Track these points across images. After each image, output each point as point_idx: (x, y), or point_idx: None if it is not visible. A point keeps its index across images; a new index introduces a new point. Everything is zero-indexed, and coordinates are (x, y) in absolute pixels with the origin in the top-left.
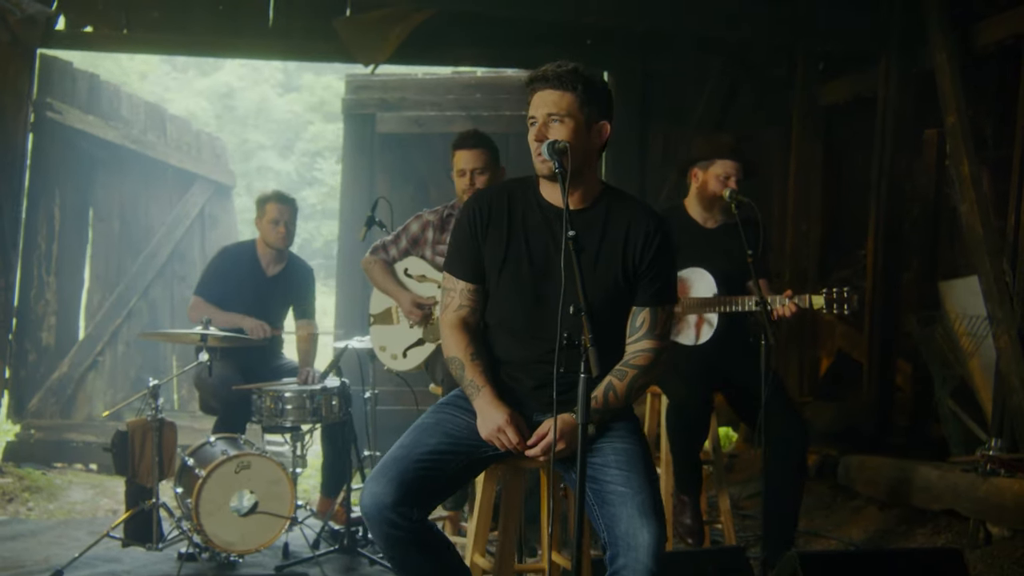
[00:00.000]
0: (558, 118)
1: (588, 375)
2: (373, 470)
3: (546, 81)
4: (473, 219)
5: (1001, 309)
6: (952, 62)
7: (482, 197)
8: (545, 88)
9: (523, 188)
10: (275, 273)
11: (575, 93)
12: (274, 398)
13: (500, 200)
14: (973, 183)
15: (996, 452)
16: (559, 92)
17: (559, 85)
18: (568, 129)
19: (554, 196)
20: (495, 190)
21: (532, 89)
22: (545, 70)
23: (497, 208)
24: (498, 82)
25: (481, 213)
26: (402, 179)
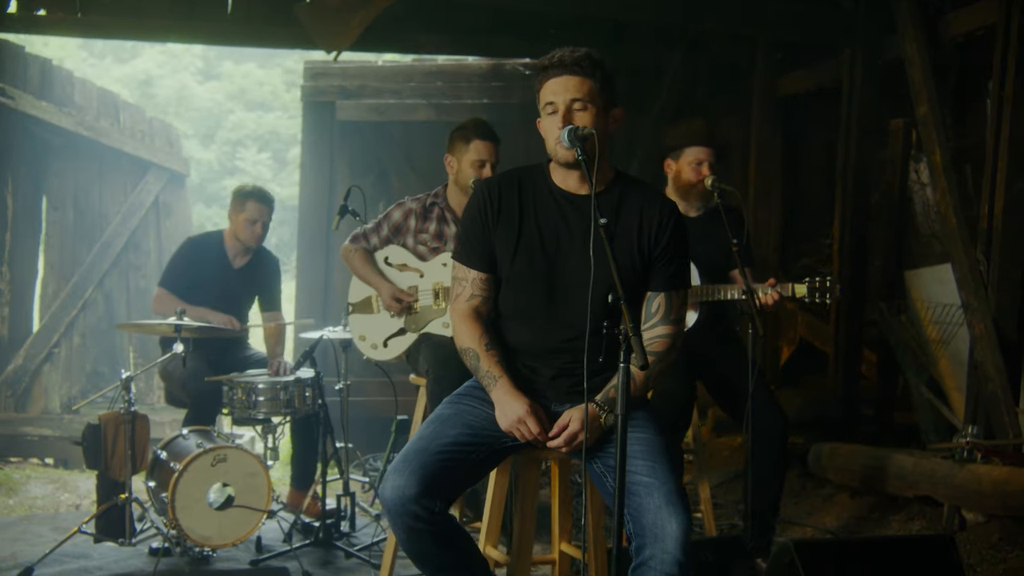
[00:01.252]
0: (581, 104)
1: (627, 364)
2: (393, 463)
3: (565, 67)
4: (483, 207)
5: (976, 297)
6: (923, 53)
7: (491, 184)
8: (564, 74)
9: (533, 174)
10: (241, 265)
11: (594, 79)
12: (246, 390)
13: (510, 187)
14: (945, 172)
15: (973, 439)
16: (579, 78)
17: (579, 71)
18: (591, 115)
19: (568, 182)
20: (503, 177)
21: (547, 75)
22: (561, 56)
23: (507, 195)
24: (460, 70)
25: (492, 200)
26: (362, 167)
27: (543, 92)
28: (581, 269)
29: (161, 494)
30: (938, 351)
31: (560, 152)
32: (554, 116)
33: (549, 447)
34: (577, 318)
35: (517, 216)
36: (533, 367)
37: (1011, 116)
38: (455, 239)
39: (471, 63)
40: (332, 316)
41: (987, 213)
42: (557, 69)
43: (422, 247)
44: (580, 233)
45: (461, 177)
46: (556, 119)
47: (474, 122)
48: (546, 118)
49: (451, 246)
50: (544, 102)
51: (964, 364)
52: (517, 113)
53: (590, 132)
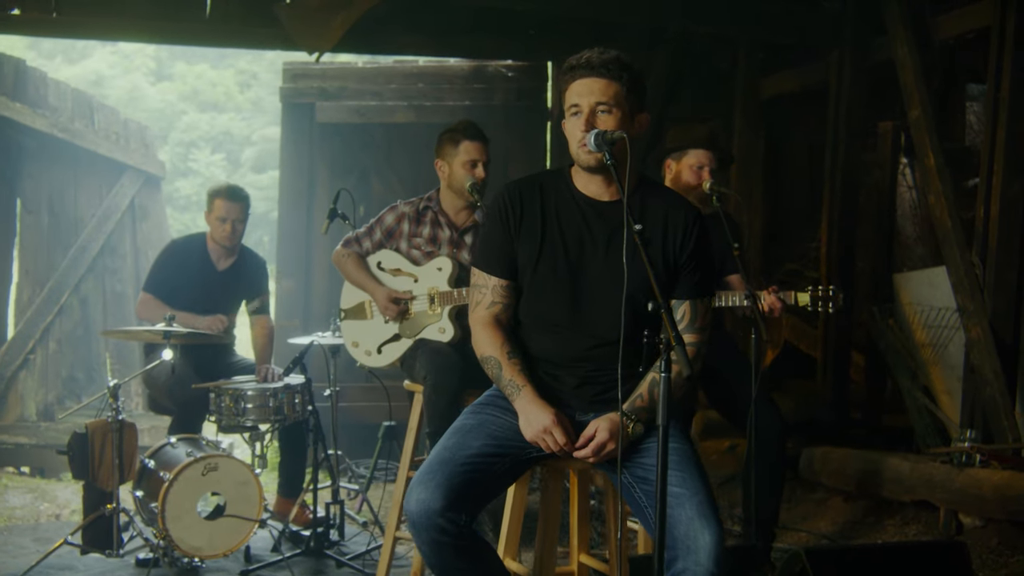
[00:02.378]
0: (606, 108)
1: (668, 374)
2: (416, 475)
3: (591, 69)
4: (505, 212)
5: (972, 301)
6: (914, 55)
7: (512, 189)
8: (590, 76)
9: (554, 179)
10: (226, 267)
11: (621, 83)
12: (234, 396)
13: (532, 192)
14: (939, 175)
15: (971, 443)
16: (606, 80)
17: (606, 73)
18: (615, 119)
19: (591, 188)
20: (525, 182)
21: (573, 76)
22: (589, 57)
23: (529, 200)
24: (441, 71)
25: (513, 206)
26: (343, 170)
27: (568, 93)
28: (605, 276)
29: (150, 504)
30: (928, 355)
31: (583, 156)
32: (578, 118)
33: (575, 458)
34: (602, 326)
35: (539, 222)
36: (556, 376)
37: (1007, 119)
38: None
39: (452, 64)
40: (313, 320)
41: (983, 216)
42: (584, 70)
43: (416, 251)
44: (603, 239)
45: (454, 180)
46: (579, 121)
47: (461, 124)
48: (570, 119)
49: (446, 250)
50: (569, 103)
51: (955, 368)
52: (499, 115)
53: (620, 136)
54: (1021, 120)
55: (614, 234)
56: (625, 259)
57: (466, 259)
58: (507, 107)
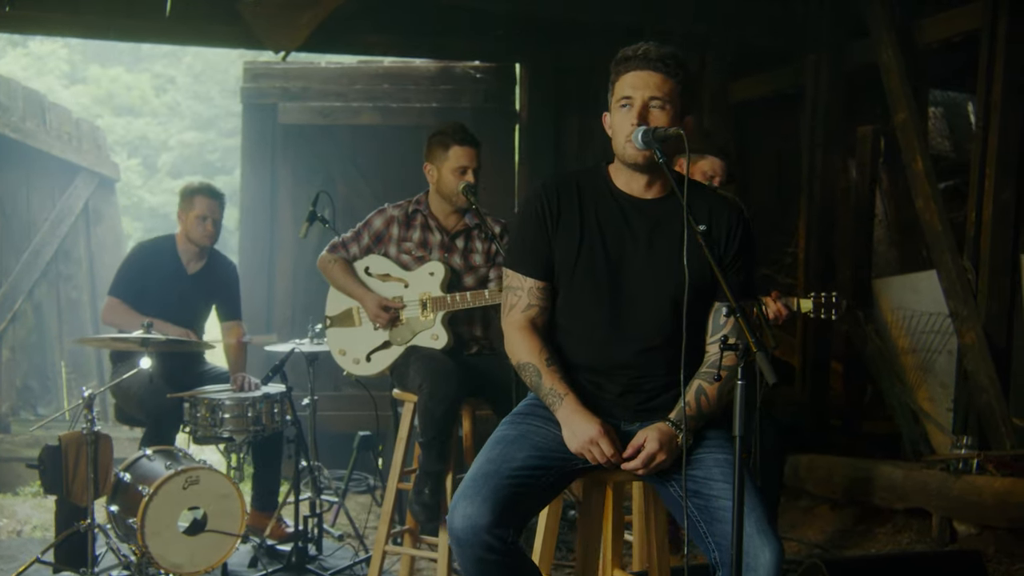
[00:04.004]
0: (660, 104)
1: (746, 382)
2: (460, 489)
3: (648, 62)
4: (542, 211)
5: (965, 306)
6: (899, 59)
7: (549, 187)
8: (646, 69)
9: (592, 177)
10: (196, 271)
11: (677, 80)
12: (211, 407)
13: (569, 189)
14: (928, 179)
15: (968, 449)
16: (661, 76)
17: (663, 68)
18: (668, 116)
19: (632, 185)
20: (561, 179)
21: (627, 67)
22: (647, 49)
23: (567, 198)
24: (407, 72)
25: (551, 204)
26: (306, 173)
27: (620, 84)
28: (648, 277)
29: (128, 519)
30: (910, 361)
31: (629, 151)
32: (627, 111)
33: (624, 469)
34: (646, 329)
35: (578, 221)
36: (598, 383)
37: (999, 123)
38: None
39: (419, 65)
40: (277, 327)
41: (974, 220)
42: (639, 62)
43: (406, 256)
44: (645, 239)
45: (443, 185)
46: (630, 115)
47: (452, 127)
48: (618, 112)
49: (437, 254)
50: (619, 95)
51: (939, 374)
52: (467, 117)
53: (676, 132)
54: (1013, 124)
55: (656, 233)
56: (687, 260)
57: (458, 264)
58: (475, 109)
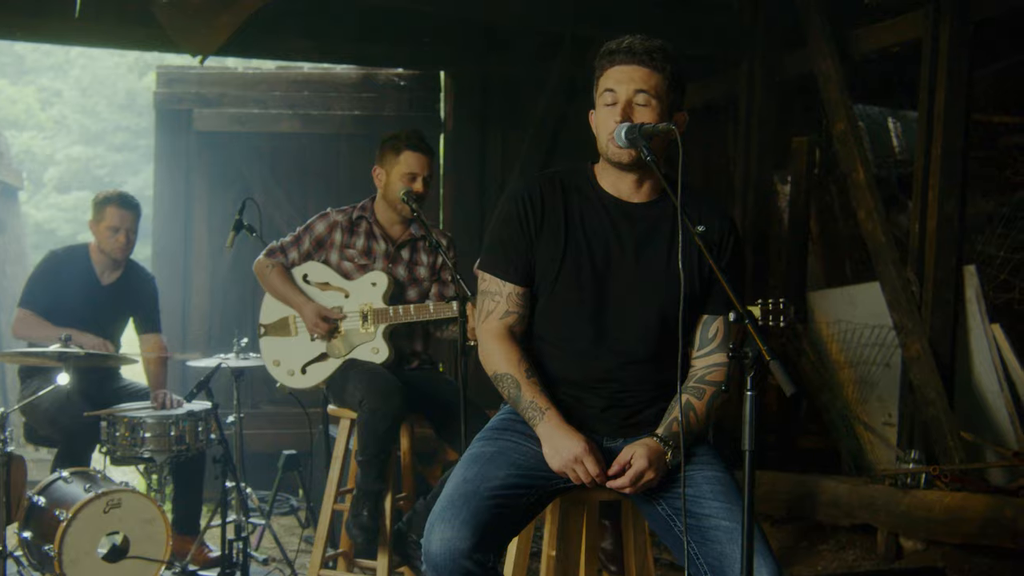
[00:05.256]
0: (645, 99)
1: (754, 393)
2: (436, 511)
3: (633, 55)
4: (524, 212)
5: (910, 319)
6: (838, 68)
7: (532, 187)
8: (630, 63)
9: (576, 177)
10: (111, 281)
11: (664, 74)
12: (131, 425)
13: (552, 191)
14: (870, 190)
15: (917, 464)
16: (647, 69)
17: (648, 61)
18: (654, 113)
19: (619, 187)
20: (543, 179)
21: (610, 62)
22: (631, 42)
23: (551, 199)
24: (328, 79)
25: (533, 205)
26: (222, 181)
27: (603, 79)
28: (634, 286)
29: (43, 546)
30: (847, 374)
31: (612, 149)
32: (611, 108)
33: (610, 488)
34: (631, 342)
35: (562, 225)
36: (579, 397)
37: (942, 133)
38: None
39: (340, 72)
40: (192, 342)
41: (918, 232)
42: (624, 56)
43: (348, 264)
44: (632, 246)
45: (390, 191)
46: (613, 111)
47: (406, 132)
48: (602, 109)
49: (380, 264)
50: (603, 89)
51: (876, 387)
52: (391, 125)
53: (665, 128)
54: (956, 134)
55: (645, 240)
56: (682, 265)
57: (402, 275)
58: (399, 117)
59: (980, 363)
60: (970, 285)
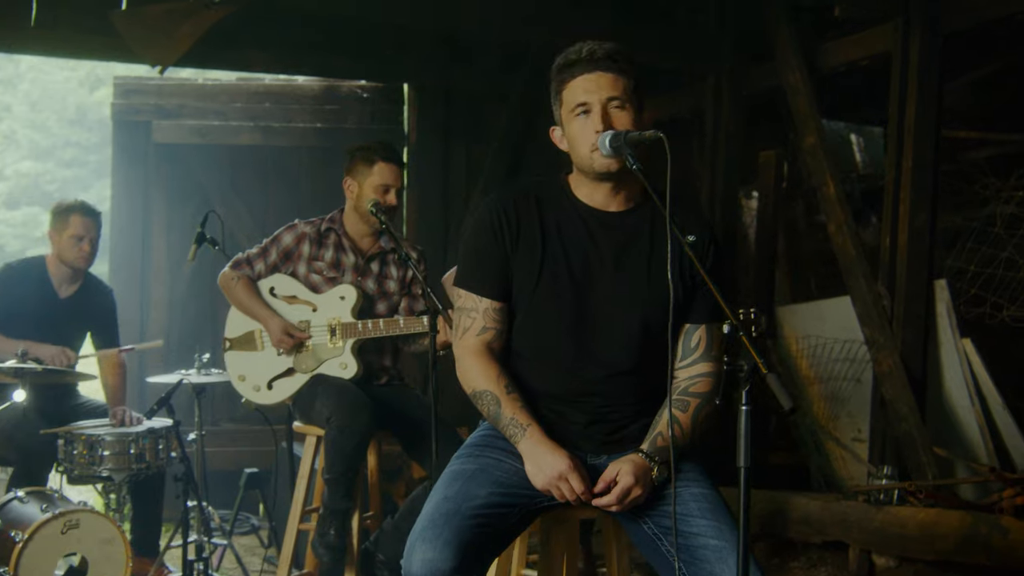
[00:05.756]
0: (619, 104)
1: (750, 407)
2: (417, 531)
3: (596, 62)
4: (499, 225)
5: (881, 333)
6: (807, 81)
7: (505, 200)
8: (595, 71)
9: (550, 188)
10: (69, 294)
11: (628, 77)
12: (89, 443)
13: (527, 202)
14: (840, 204)
15: (890, 480)
16: (613, 75)
17: (613, 67)
18: (629, 117)
19: (596, 197)
20: (516, 192)
21: (572, 73)
22: (592, 49)
23: (526, 211)
24: (290, 91)
25: (509, 219)
26: (181, 194)
27: (570, 92)
28: (614, 297)
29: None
30: (816, 390)
31: (597, 161)
32: (586, 118)
33: (596, 506)
34: (613, 354)
35: (539, 238)
36: (561, 412)
37: (913, 147)
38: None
39: (302, 84)
40: (150, 359)
41: (889, 246)
42: (588, 65)
43: (316, 276)
44: (612, 256)
45: (361, 203)
46: (591, 121)
47: (378, 143)
48: (575, 121)
49: (349, 277)
50: (573, 103)
51: (845, 402)
52: (353, 138)
53: (653, 136)
54: (927, 148)
55: (624, 249)
56: (670, 275)
57: (371, 289)
58: (362, 130)
59: (951, 378)
60: (941, 300)
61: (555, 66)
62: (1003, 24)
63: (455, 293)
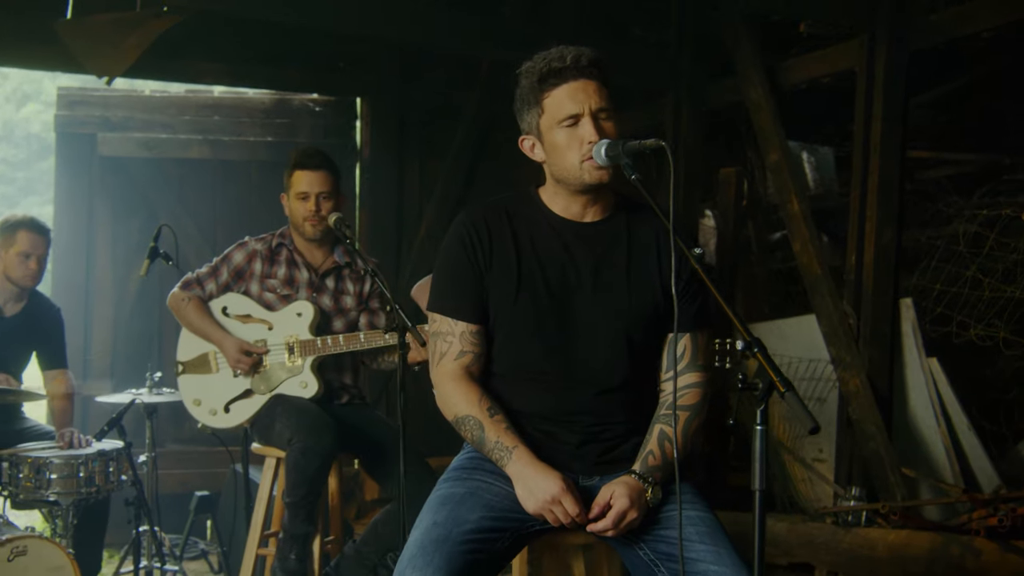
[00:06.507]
0: (606, 114)
1: (764, 427)
2: (406, 558)
3: (582, 69)
4: (471, 244)
5: (848, 352)
6: (770, 99)
7: (475, 217)
8: (582, 78)
9: (521, 203)
10: (14, 313)
11: (609, 86)
12: (35, 466)
13: (498, 218)
14: (805, 221)
15: (858, 502)
16: (598, 83)
17: (597, 75)
18: (615, 126)
19: (571, 209)
20: (488, 208)
21: (558, 81)
22: (577, 56)
23: (498, 228)
24: (240, 104)
25: (481, 237)
26: (127, 208)
27: (554, 101)
28: (597, 310)
29: None
30: (776, 410)
31: (589, 172)
32: (575, 129)
33: (590, 531)
34: (599, 370)
35: (514, 255)
36: (550, 432)
37: (879, 164)
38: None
39: (252, 96)
40: (93, 377)
41: (854, 264)
42: (574, 72)
43: (270, 294)
44: (590, 267)
45: (291, 216)
46: (583, 131)
47: (298, 151)
48: (561, 131)
49: (304, 294)
50: (561, 113)
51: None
52: None
53: (656, 144)
54: (892, 165)
55: (602, 261)
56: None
57: (327, 305)
58: (313, 144)
59: (916, 398)
60: (906, 318)
61: (535, 73)
62: (970, 42)
63: (429, 317)
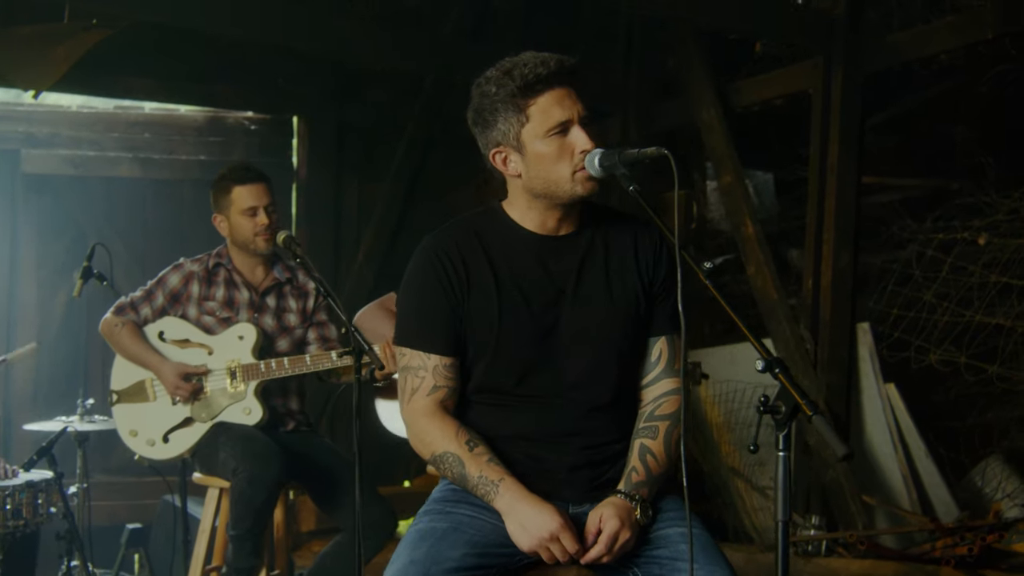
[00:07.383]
0: (588, 121)
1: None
2: None
3: (565, 76)
4: (444, 273)
5: (805, 377)
6: (723, 121)
7: (446, 244)
8: (564, 85)
9: (488, 220)
10: None
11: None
12: None
13: (469, 242)
14: (760, 245)
15: (817, 531)
16: (578, 90)
17: (578, 80)
18: (597, 136)
19: (546, 223)
20: (455, 230)
21: (542, 88)
22: (560, 61)
23: (470, 251)
24: (171, 121)
25: (453, 264)
26: (54, 229)
27: (540, 109)
28: (578, 325)
29: None
30: (726, 436)
31: (580, 183)
32: (563, 138)
33: (584, 562)
34: (589, 387)
35: (491, 276)
36: (537, 457)
37: (836, 187)
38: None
39: (185, 114)
40: (15, 406)
41: (811, 288)
42: (559, 78)
43: (209, 318)
44: (572, 282)
45: (237, 234)
46: (575, 140)
47: (229, 167)
48: (549, 141)
49: (245, 315)
50: (552, 123)
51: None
52: None
53: (656, 152)
54: (849, 187)
55: (582, 273)
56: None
57: (270, 325)
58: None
59: (873, 424)
60: (863, 343)
61: (515, 79)
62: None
63: (397, 352)
